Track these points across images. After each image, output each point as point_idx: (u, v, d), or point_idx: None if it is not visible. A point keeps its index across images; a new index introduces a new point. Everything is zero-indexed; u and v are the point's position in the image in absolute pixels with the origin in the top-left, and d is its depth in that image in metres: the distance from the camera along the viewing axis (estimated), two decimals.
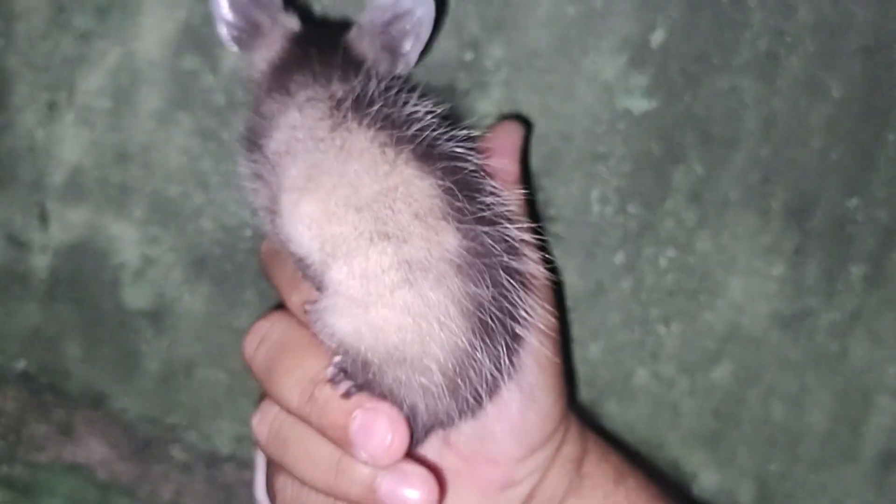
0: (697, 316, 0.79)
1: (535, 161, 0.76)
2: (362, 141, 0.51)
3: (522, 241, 0.52)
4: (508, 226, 0.52)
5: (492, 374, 0.53)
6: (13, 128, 0.78)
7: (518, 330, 0.53)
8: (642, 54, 0.74)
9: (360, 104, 0.51)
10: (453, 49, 0.74)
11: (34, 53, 0.76)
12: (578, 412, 0.70)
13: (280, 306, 0.64)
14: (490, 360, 0.52)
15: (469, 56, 0.74)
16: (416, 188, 0.50)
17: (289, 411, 0.58)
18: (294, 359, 0.57)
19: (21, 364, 0.82)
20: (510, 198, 0.53)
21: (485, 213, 0.50)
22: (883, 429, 0.81)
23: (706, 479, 0.83)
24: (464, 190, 0.50)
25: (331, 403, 0.54)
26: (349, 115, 0.51)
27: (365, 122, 0.51)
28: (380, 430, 0.53)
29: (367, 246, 0.49)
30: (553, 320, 0.57)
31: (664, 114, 0.75)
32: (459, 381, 0.53)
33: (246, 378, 0.80)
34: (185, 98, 0.76)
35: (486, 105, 0.75)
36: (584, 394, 0.81)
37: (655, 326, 0.80)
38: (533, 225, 0.54)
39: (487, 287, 0.50)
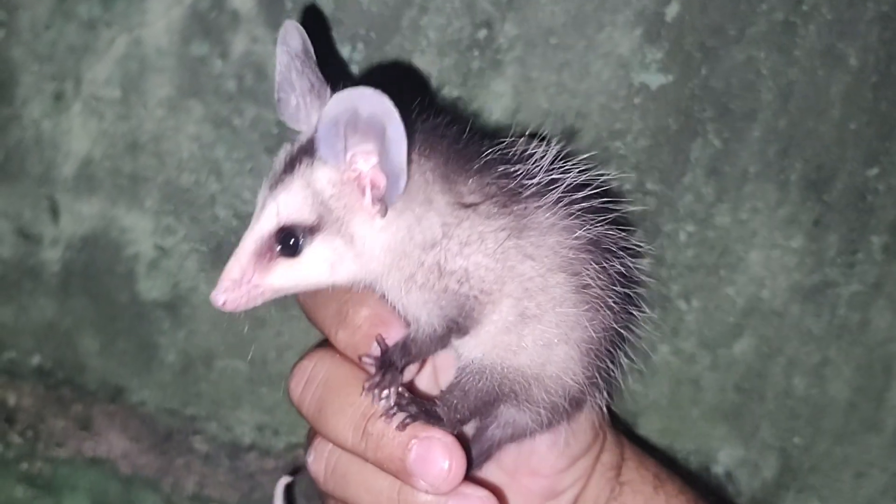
0: (718, 290, 0.79)
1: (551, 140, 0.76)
2: (544, 214, 0.56)
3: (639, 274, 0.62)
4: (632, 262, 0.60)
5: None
6: (19, 120, 0.76)
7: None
8: (657, 28, 0.73)
9: (521, 186, 0.56)
10: (466, 27, 0.73)
11: (38, 43, 0.74)
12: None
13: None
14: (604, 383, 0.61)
15: (482, 34, 0.73)
16: (592, 239, 0.57)
17: (344, 448, 0.58)
18: (344, 396, 0.57)
19: (36, 359, 0.81)
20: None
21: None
22: None
23: (729, 453, 0.82)
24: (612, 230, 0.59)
25: (385, 437, 0.55)
26: (521, 201, 0.56)
27: (533, 198, 0.56)
28: (437, 458, 0.54)
29: (568, 296, 0.56)
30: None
31: (681, 88, 0.74)
32: (584, 394, 0.60)
33: (265, 367, 0.80)
34: (195, 85, 0.74)
35: (500, 85, 0.74)
36: None
37: (676, 302, 0.79)
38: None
39: (621, 321, 0.60)
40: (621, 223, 0.60)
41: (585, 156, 0.61)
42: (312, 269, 0.54)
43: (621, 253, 0.59)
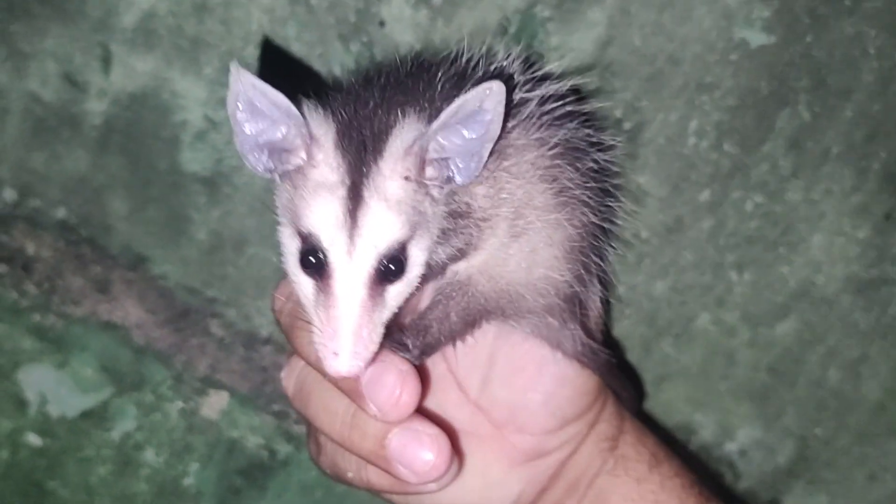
0: (772, 268, 0.76)
1: (637, 81, 0.72)
2: (518, 132, 0.57)
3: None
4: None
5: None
6: None
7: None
8: None
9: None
10: None
11: None
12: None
13: None
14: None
15: None
16: (562, 143, 0.58)
17: (308, 363, 0.58)
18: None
19: (61, 212, 0.78)
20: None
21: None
22: None
23: (748, 433, 0.81)
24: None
25: None
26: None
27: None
28: (389, 383, 0.54)
29: (550, 203, 0.57)
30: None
31: (781, 51, 0.71)
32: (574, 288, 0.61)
33: None
34: None
35: (596, 13, 0.70)
36: (642, 331, 0.78)
37: (728, 272, 0.77)
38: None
39: (598, 214, 0.61)
40: (588, 121, 0.62)
41: (549, 66, 0.62)
42: (416, 277, 0.53)
43: (590, 150, 0.60)
